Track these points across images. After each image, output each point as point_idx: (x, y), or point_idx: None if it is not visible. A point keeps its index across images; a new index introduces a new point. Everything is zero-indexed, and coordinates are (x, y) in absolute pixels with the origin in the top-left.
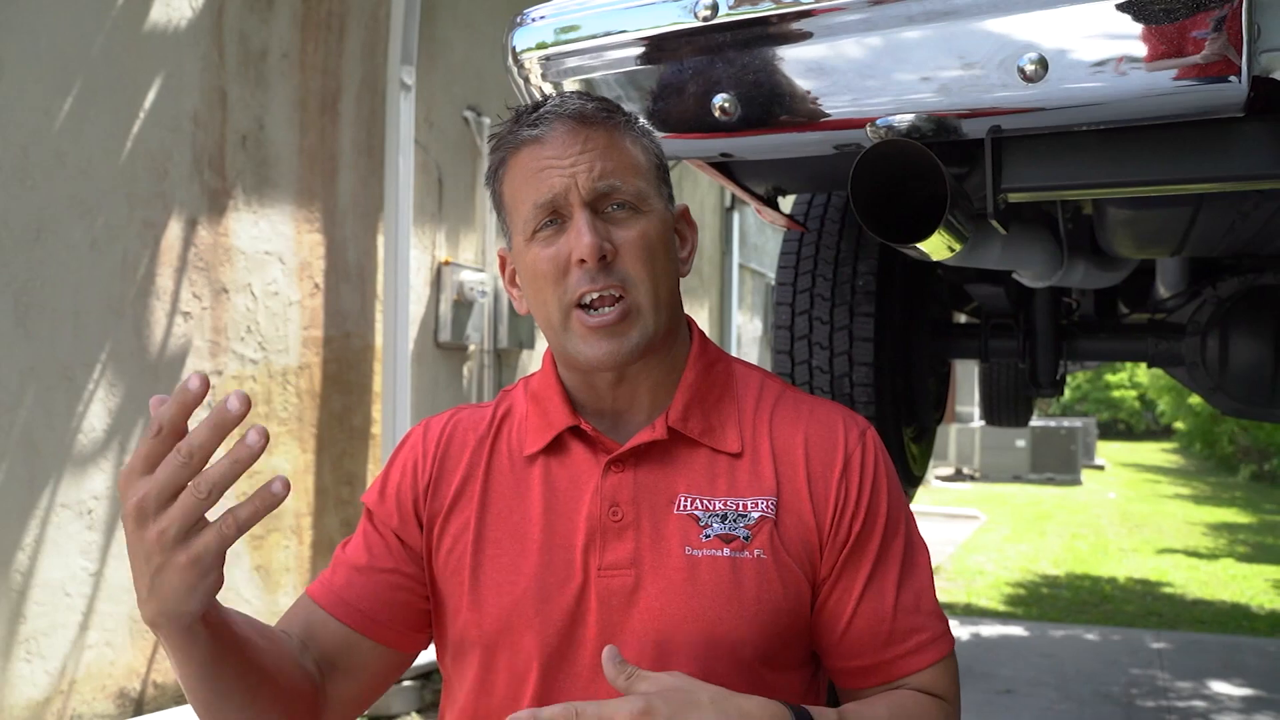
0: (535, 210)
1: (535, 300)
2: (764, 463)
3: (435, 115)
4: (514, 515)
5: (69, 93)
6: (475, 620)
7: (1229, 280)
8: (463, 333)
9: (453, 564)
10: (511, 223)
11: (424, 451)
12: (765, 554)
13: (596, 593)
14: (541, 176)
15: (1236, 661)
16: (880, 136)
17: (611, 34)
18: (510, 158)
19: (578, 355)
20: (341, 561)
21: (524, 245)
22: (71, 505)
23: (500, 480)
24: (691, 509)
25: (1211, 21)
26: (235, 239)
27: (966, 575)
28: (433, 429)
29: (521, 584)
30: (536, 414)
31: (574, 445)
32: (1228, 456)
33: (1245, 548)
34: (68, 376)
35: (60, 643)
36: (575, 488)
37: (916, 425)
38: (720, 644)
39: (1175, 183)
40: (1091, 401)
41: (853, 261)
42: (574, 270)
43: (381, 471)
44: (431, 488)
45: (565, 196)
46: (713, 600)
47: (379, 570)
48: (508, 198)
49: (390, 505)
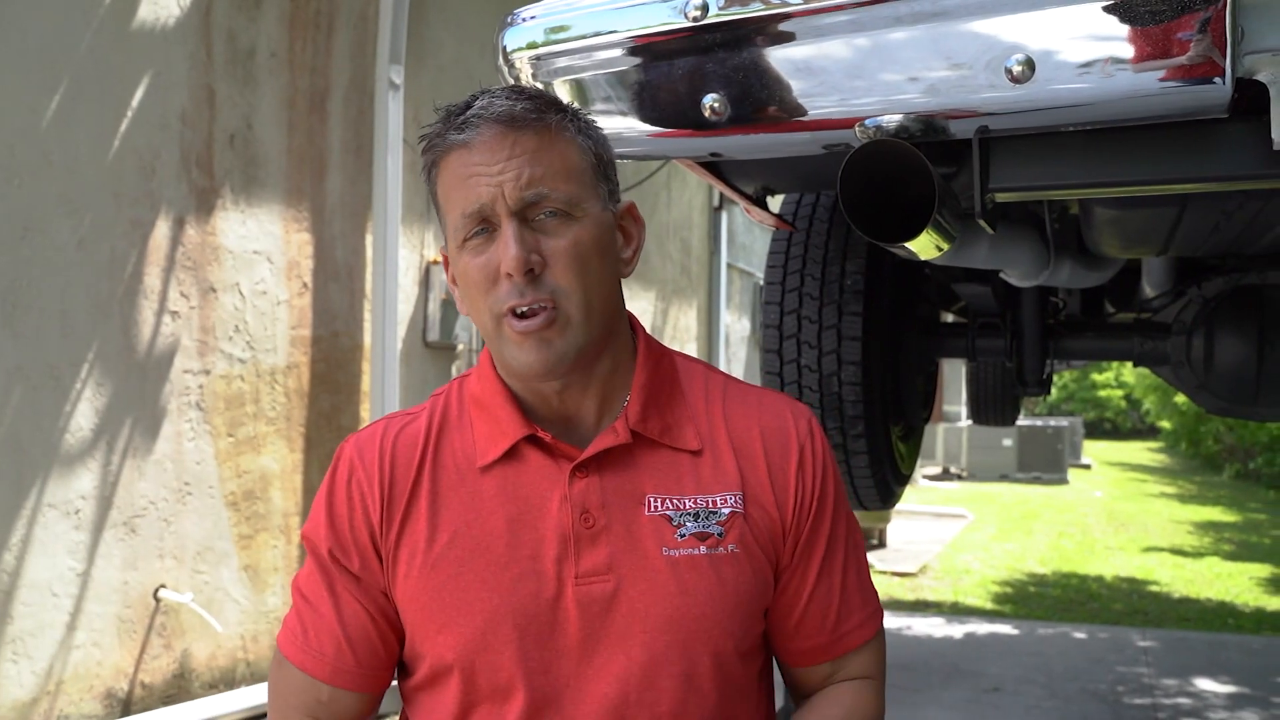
0: (463, 220)
1: (470, 307)
2: (725, 458)
3: (424, 115)
4: (473, 530)
5: (56, 91)
6: (450, 643)
7: (1214, 280)
8: (451, 332)
9: (415, 589)
10: (445, 226)
11: (367, 478)
12: (738, 548)
13: (576, 601)
14: (469, 185)
15: (1222, 659)
16: (869, 136)
17: (602, 34)
18: (440, 160)
19: (512, 361)
20: (318, 625)
21: (456, 252)
22: (59, 505)
23: (450, 494)
24: (663, 509)
25: (1196, 24)
26: (223, 238)
27: (954, 574)
28: (368, 451)
29: (494, 601)
30: (485, 422)
31: (529, 453)
32: (1213, 455)
33: (1230, 546)
34: (54, 376)
35: (47, 643)
36: (538, 497)
37: (904, 424)
38: (704, 641)
39: (1160, 183)
40: (1078, 401)
41: (841, 261)
42: (503, 281)
43: (322, 506)
44: (385, 517)
45: (492, 206)
46: (695, 598)
47: (362, 627)
48: (441, 200)
49: (347, 545)
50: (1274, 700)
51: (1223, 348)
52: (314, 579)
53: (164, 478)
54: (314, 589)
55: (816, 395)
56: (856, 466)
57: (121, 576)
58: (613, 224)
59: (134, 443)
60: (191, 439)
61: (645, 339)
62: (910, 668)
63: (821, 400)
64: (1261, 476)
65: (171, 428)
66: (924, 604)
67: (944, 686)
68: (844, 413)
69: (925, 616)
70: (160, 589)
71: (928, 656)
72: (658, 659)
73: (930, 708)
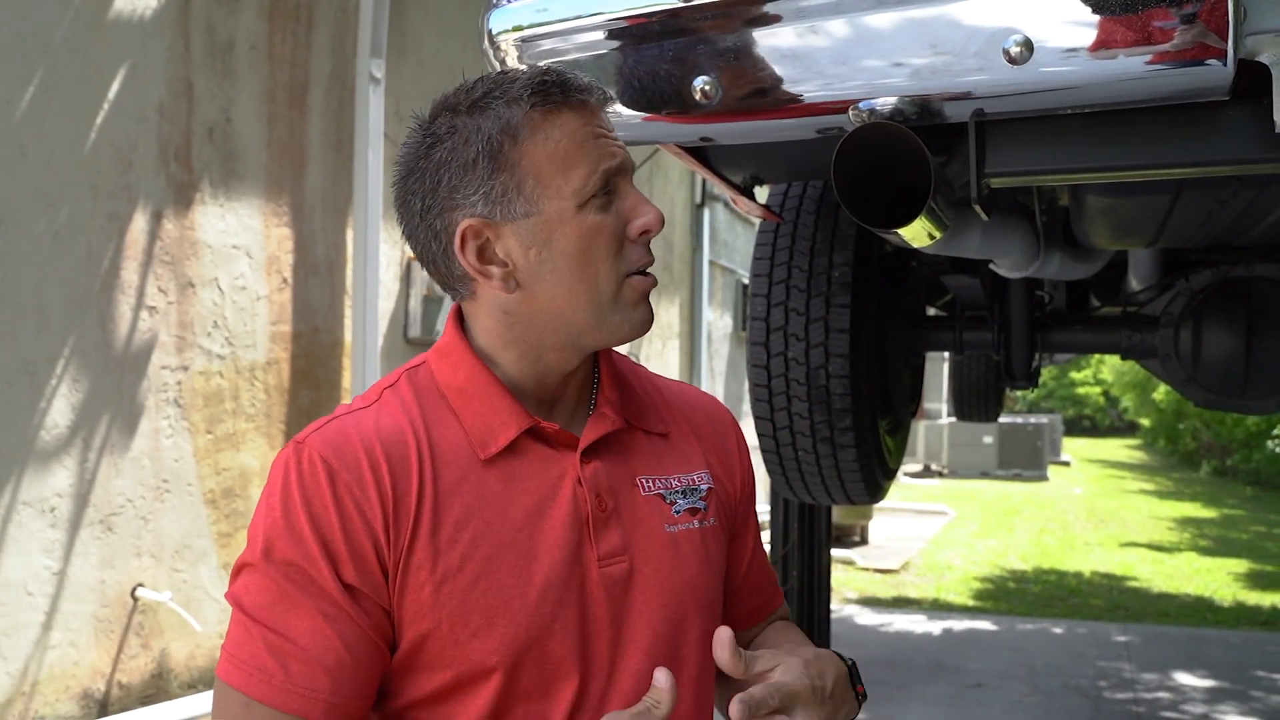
0: (598, 176)
1: (580, 272)
2: (688, 439)
3: (405, 109)
4: (493, 527)
5: (30, 82)
6: (491, 647)
7: (1202, 272)
8: (432, 328)
9: (439, 597)
10: (544, 189)
11: (358, 483)
12: (716, 521)
13: (601, 584)
14: (600, 144)
15: (1201, 653)
16: (863, 120)
17: (590, 15)
18: (544, 120)
19: (624, 325)
20: (302, 658)
21: (573, 212)
22: (33, 503)
23: (456, 493)
24: (655, 489)
25: (1198, 3)
26: (202, 232)
27: (936, 570)
28: (346, 453)
29: (532, 596)
30: (477, 413)
31: (526, 442)
32: (1190, 452)
33: (1207, 541)
34: (30, 372)
35: (22, 643)
36: (547, 485)
37: (892, 418)
38: (704, 608)
39: (1159, 167)
40: (1057, 398)
41: (828, 252)
42: (634, 242)
43: (291, 517)
44: (391, 526)
45: (624, 167)
46: (696, 570)
47: (363, 650)
48: (541, 160)
49: (340, 559)
50: (1253, 694)
51: (1211, 340)
52: (281, 603)
53: (141, 475)
54: (282, 615)
55: (804, 388)
56: (844, 460)
57: (98, 575)
58: None
59: (111, 439)
60: (170, 436)
61: None
62: (893, 664)
63: (809, 393)
64: (1238, 473)
65: (149, 424)
66: (906, 601)
67: (927, 683)
68: (832, 406)
69: (907, 613)
70: (138, 588)
71: (910, 653)
72: (675, 629)
73: (914, 704)
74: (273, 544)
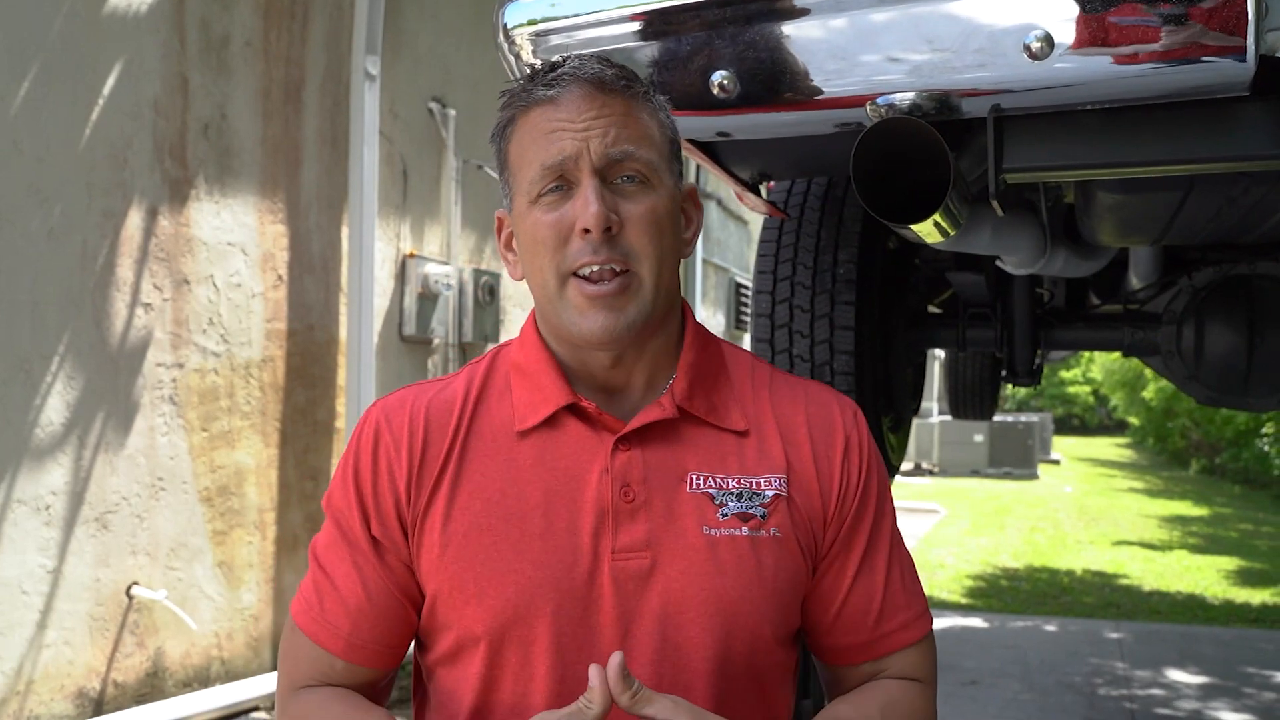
0: (542, 172)
1: (531, 266)
2: (771, 441)
3: (400, 106)
4: (508, 500)
5: (25, 78)
6: (479, 616)
7: (1205, 270)
8: (428, 326)
9: (445, 559)
10: (515, 184)
11: (395, 445)
12: (781, 532)
13: (611, 576)
14: (552, 138)
15: (1193, 650)
16: (880, 115)
17: (607, 8)
18: (520, 116)
19: (571, 328)
20: (334, 597)
21: (526, 208)
22: (28, 501)
23: (484, 461)
24: (705, 487)
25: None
26: (197, 229)
27: (928, 569)
28: (396, 417)
29: (527, 572)
30: (526, 388)
31: (570, 422)
32: (1179, 451)
33: (1197, 539)
34: (25, 369)
35: (17, 642)
36: (577, 467)
37: (894, 415)
38: (741, 624)
39: (1178, 163)
40: (1047, 397)
41: (833, 249)
42: (576, 239)
43: (343, 472)
44: (413, 486)
45: (575, 161)
46: (735, 580)
47: (380, 601)
48: (513, 157)
49: (369, 513)
50: (1245, 690)
51: (1213, 338)
52: (332, 547)
53: (137, 473)
54: (331, 558)
55: None
56: None
57: (93, 573)
58: (680, 202)
59: (106, 437)
60: (165, 434)
61: (695, 323)
62: None
63: None
64: (1227, 471)
65: (144, 422)
66: None
67: None
68: None
69: None
70: (133, 586)
71: None
72: (692, 642)
73: None
74: (333, 494)
